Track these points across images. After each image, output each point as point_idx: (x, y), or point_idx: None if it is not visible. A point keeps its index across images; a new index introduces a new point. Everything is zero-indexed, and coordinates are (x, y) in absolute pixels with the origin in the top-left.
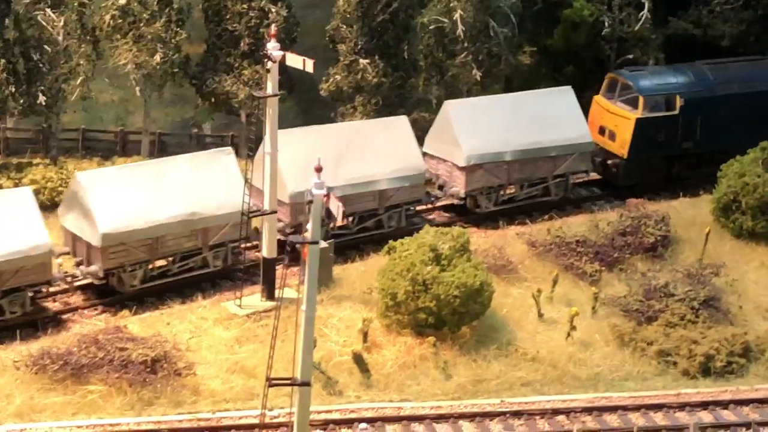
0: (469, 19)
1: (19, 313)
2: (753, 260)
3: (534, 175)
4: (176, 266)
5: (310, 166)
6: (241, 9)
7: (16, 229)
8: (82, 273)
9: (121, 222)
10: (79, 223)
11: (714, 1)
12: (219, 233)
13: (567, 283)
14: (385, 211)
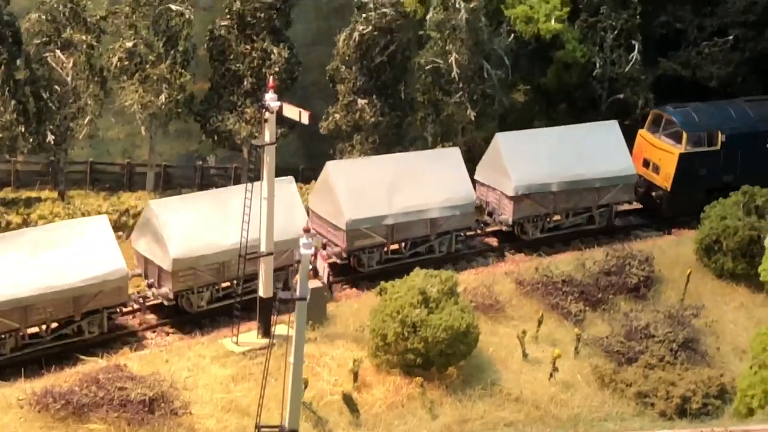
0: (464, 61)
1: (97, 333)
2: (733, 300)
3: (579, 205)
4: (240, 288)
5: (365, 195)
6: (244, 50)
7: (95, 255)
8: (153, 294)
9: (190, 248)
10: (151, 248)
11: (702, 42)
12: (280, 258)
13: (552, 322)
14: (436, 237)
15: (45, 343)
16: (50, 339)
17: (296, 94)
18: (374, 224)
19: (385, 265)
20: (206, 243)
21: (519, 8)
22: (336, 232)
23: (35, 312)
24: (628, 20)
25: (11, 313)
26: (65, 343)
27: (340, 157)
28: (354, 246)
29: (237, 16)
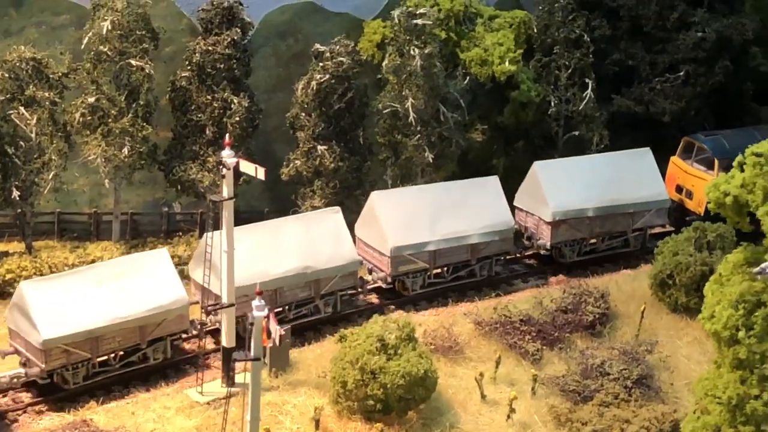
0: (421, 105)
1: (161, 359)
2: (687, 335)
3: (614, 229)
4: (292, 313)
5: (408, 222)
6: (205, 100)
7: (158, 286)
8: (211, 321)
9: (245, 275)
10: (209, 277)
11: (655, 79)
12: (329, 284)
13: (510, 362)
14: (476, 262)
15: (113, 371)
16: (119, 366)
17: (258, 140)
18: (417, 250)
19: (428, 288)
20: (260, 271)
21: (474, 51)
22: (381, 258)
23: (105, 342)
24: (581, 59)
25: (84, 344)
26: (132, 369)
27: (302, 203)
28: (398, 271)
29: (197, 67)
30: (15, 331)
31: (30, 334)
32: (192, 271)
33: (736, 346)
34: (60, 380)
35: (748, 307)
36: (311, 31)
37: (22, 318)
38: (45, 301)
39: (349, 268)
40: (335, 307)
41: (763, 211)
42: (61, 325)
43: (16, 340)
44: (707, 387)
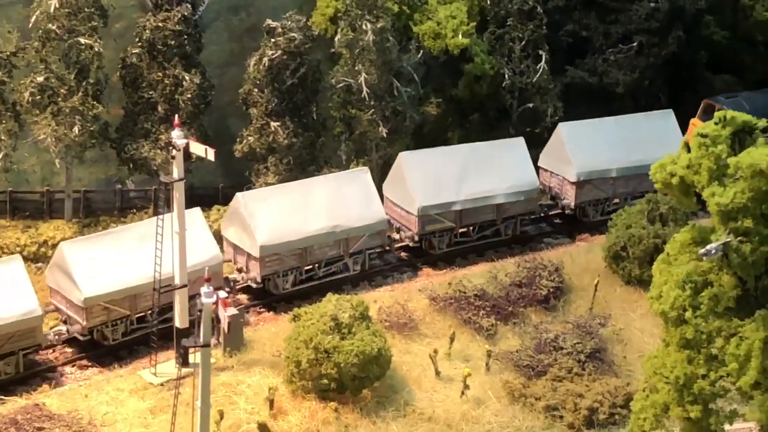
0: (374, 80)
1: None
2: (640, 307)
3: (637, 190)
4: (321, 271)
5: (436, 182)
6: (157, 77)
7: (193, 244)
8: (243, 279)
9: (275, 235)
10: (239, 236)
11: (608, 50)
12: (358, 242)
13: (465, 337)
14: (502, 222)
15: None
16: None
17: (212, 115)
18: (444, 210)
19: (454, 247)
20: (290, 230)
21: (426, 24)
22: (409, 217)
23: (143, 299)
24: (535, 31)
25: (123, 302)
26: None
27: (255, 179)
28: (425, 230)
29: (148, 44)
30: (56, 289)
31: (71, 293)
32: (224, 230)
33: (684, 326)
34: (100, 337)
35: (694, 287)
36: (264, 5)
37: (63, 277)
38: (85, 260)
39: (378, 227)
40: (363, 266)
41: (708, 192)
42: (101, 283)
43: (57, 298)
44: (656, 365)
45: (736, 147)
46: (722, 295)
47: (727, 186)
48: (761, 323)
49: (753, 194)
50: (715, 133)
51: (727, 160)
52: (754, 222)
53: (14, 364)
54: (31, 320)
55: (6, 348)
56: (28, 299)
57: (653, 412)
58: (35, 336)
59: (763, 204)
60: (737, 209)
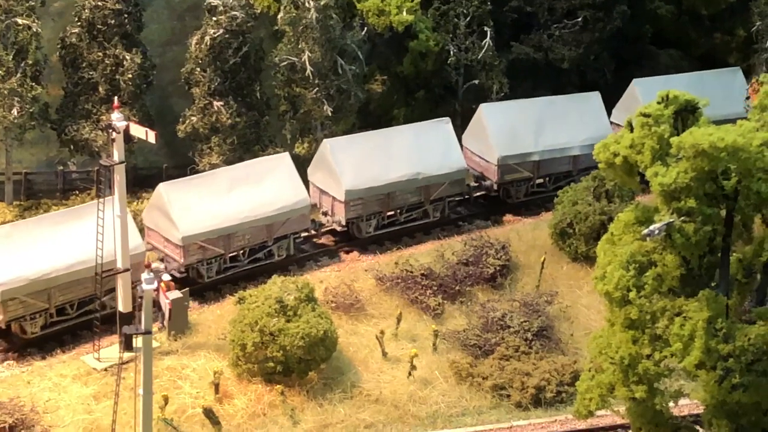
0: (317, 58)
1: (284, 256)
2: (587, 284)
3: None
4: (403, 217)
5: (514, 133)
6: (97, 57)
7: (283, 188)
8: (328, 222)
9: (360, 180)
10: (325, 181)
11: (553, 25)
12: (439, 189)
13: (412, 317)
14: (577, 173)
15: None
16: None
17: (154, 95)
18: (522, 160)
19: (530, 197)
20: (374, 176)
21: (371, 1)
22: (488, 166)
23: (236, 239)
24: (479, 7)
25: (218, 241)
26: (259, 265)
27: (199, 160)
28: (504, 179)
29: (87, 24)
30: (153, 229)
31: (169, 232)
32: (311, 175)
33: (628, 306)
34: (195, 275)
35: (638, 268)
36: None
37: (161, 217)
38: (182, 200)
39: (458, 176)
40: (443, 212)
41: (651, 172)
42: (197, 222)
43: (154, 237)
44: (601, 345)
45: (679, 126)
46: (666, 275)
47: (670, 166)
48: (704, 303)
49: (695, 174)
50: (657, 112)
51: (669, 140)
52: (697, 202)
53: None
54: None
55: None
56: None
57: (599, 392)
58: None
59: (705, 184)
60: (680, 189)
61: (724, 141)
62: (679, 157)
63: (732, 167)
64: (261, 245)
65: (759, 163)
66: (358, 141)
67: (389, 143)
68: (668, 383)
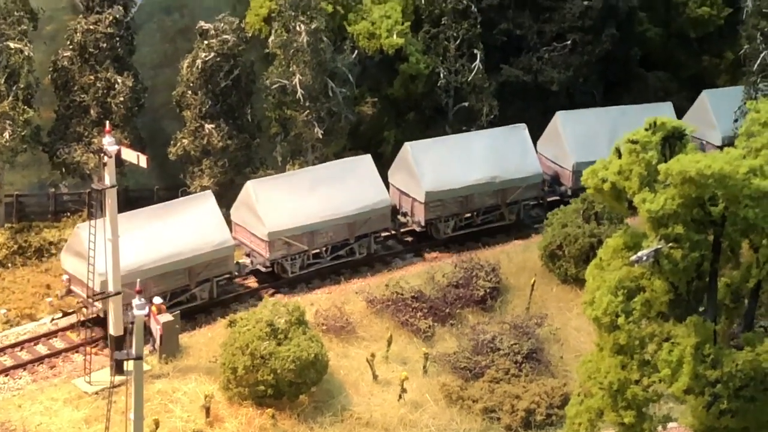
0: (308, 81)
1: (365, 254)
2: (576, 306)
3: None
4: (479, 219)
5: (589, 141)
6: (89, 80)
7: (365, 188)
8: (408, 222)
9: (440, 182)
10: (406, 182)
11: (542, 48)
12: (515, 193)
13: (402, 340)
14: None
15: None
16: (329, 259)
17: (146, 117)
18: None
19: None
20: (453, 179)
21: (361, 24)
22: (563, 172)
23: (320, 236)
24: (469, 30)
25: (302, 237)
26: (341, 262)
27: (190, 182)
28: (578, 185)
29: (79, 47)
30: (241, 225)
31: (256, 228)
32: (391, 177)
33: (616, 331)
34: (280, 269)
35: (627, 293)
36: (197, 6)
37: (248, 213)
38: (269, 198)
39: (533, 180)
40: (518, 215)
41: (639, 199)
42: (283, 219)
43: (242, 233)
44: (590, 370)
45: (667, 152)
46: (654, 300)
47: (657, 192)
48: (692, 329)
49: (683, 200)
50: (645, 139)
51: (657, 166)
52: (685, 228)
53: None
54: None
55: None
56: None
57: (588, 417)
58: (227, 265)
59: (693, 210)
60: (668, 216)
61: (711, 168)
62: (666, 183)
63: (719, 193)
64: (343, 243)
65: (746, 190)
66: (438, 144)
67: (468, 147)
68: (657, 408)
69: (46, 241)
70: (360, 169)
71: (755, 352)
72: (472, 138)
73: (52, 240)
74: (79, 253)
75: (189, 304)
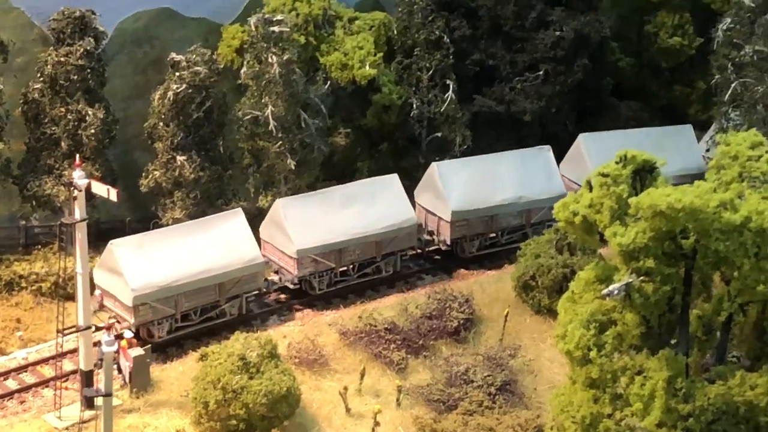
0: (281, 112)
1: (391, 272)
2: (550, 337)
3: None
4: (504, 239)
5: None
6: (59, 112)
7: (392, 208)
8: (435, 240)
9: (466, 201)
10: (432, 202)
11: (515, 78)
12: (539, 213)
13: (376, 372)
14: None
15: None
16: (356, 277)
17: (118, 149)
18: None
19: None
20: (478, 199)
21: (334, 56)
22: None
23: (347, 254)
24: (442, 60)
25: (329, 255)
26: (367, 280)
27: (162, 214)
28: None
29: (50, 79)
30: (269, 243)
31: (284, 245)
32: (417, 196)
33: (589, 365)
34: (307, 286)
35: (599, 327)
36: (168, 37)
37: (276, 231)
38: (297, 215)
39: (558, 201)
40: (540, 236)
41: (610, 232)
42: (311, 237)
43: (269, 250)
44: (563, 403)
45: (638, 186)
46: (626, 333)
47: (628, 226)
48: (664, 363)
49: (654, 234)
50: (616, 172)
51: (628, 200)
52: (656, 262)
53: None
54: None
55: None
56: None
57: None
58: (257, 281)
59: (664, 243)
60: (639, 249)
61: (681, 202)
62: (637, 217)
63: (690, 226)
64: (370, 260)
65: (716, 224)
66: (465, 164)
67: (494, 168)
68: None
69: (16, 275)
70: (387, 188)
71: (727, 386)
72: (497, 159)
73: (22, 273)
74: (111, 268)
75: (219, 319)
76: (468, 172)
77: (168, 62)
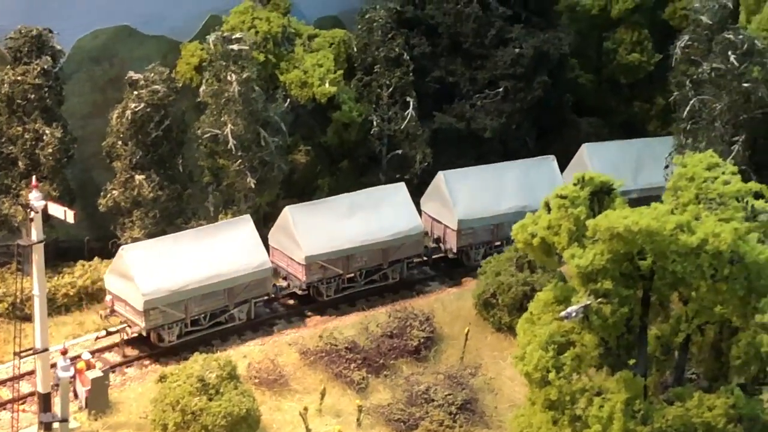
0: (240, 131)
1: (397, 279)
2: (511, 354)
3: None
4: (507, 248)
5: (613, 173)
6: (16, 131)
7: (399, 216)
8: (441, 248)
9: (472, 210)
10: (438, 210)
11: (475, 95)
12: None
13: (336, 391)
14: None
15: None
16: (363, 283)
17: (75, 168)
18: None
19: None
20: (485, 208)
21: (293, 73)
22: None
23: (355, 261)
24: (402, 78)
25: (337, 262)
26: (374, 287)
27: (121, 234)
28: None
29: (6, 98)
30: (278, 249)
31: (293, 252)
32: (424, 204)
33: (548, 387)
34: (315, 293)
35: (557, 348)
36: (127, 55)
37: (285, 238)
38: (306, 222)
39: None
40: None
41: (568, 254)
42: (319, 243)
43: (278, 257)
44: (522, 425)
45: (596, 207)
46: (585, 355)
47: (586, 247)
48: (623, 384)
49: (612, 256)
50: (574, 194)
51: (585, 222)
52: (614, 283)
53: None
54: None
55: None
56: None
57: None
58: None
59: (622, 264)
60: (597, 271)
61: (638, 224)
62: (595, 239)
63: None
64: (377, 267)
65: (673, 246)
66: (471, 174)
67: (499, 177)
68: None
69: None
70: (394, 196)
71: (685, 407)
72: (503, 168)
73: None
74: (122, 273)
75: (227, 324)
76: (474, 181)
77: (126, 81)
